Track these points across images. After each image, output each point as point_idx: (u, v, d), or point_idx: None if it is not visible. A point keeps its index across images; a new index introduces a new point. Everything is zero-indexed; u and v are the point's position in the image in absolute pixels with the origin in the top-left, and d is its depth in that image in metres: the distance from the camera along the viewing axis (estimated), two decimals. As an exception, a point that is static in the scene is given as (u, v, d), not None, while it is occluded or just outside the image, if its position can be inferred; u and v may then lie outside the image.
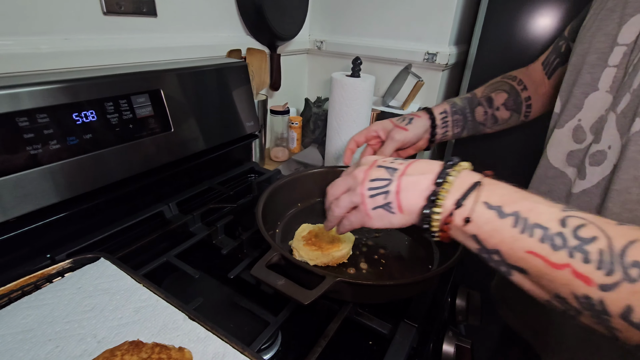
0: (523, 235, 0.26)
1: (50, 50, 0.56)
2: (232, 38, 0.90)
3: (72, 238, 0.52)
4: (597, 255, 0.23)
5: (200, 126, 0.68)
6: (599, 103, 0.40)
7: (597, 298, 0.23)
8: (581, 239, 0.24)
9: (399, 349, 0.41)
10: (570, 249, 0.24)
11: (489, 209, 0.28)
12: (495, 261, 0.29)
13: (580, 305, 0.24)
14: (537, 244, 0.25)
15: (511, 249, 0.27)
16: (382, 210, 0.33)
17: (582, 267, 0.24)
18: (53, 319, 0.36)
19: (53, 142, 0.47)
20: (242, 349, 0.34)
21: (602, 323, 0.24)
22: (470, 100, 0.61)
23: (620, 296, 0.22)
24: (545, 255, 0.25)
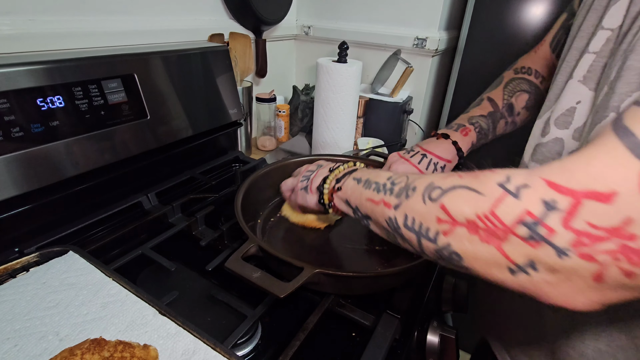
0: (366, 190, 0.36)
1: (12, 31, 0.52)
2: (214, 22, 0.86)
3: (43, 231, 0.50)
4: (398, 189, 0.32)
5: (179, 113, 0.65)
6: (569, 93, 0.36)
7: (393, 216, 0.31)
8: (393, 183, 0.33)
9: (381, 340, 0.40)
10: (385, 190, 0.34)
11: (354, 180, 0.39)
12: (360, 217, 0.38)
13: (389, 227, 0.32)
14: (371, 192, 0.35)
15: (360, 201, 0.37)
16: (302, 192, 0.48)
17: (387, 198, 0.33)
18: (13, 316, 0.34)
19: (15, 130, 0.44)
20: (214, 345, 0.32)
21: (401, 237, 0.31)
22: (492, 117, 0.55)
23: (402, 210, 0.31)
24: (372, 197, 0.35)
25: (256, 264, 0.40)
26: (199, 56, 0.68)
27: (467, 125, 0.52)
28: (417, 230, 0.29)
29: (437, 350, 0.49)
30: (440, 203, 0.27)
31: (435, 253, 0.28)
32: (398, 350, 0.42)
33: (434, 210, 0.27)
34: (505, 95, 0.55)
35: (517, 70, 0.56)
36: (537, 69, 0.55)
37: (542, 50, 0.55)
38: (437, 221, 0.27)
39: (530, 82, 0.55)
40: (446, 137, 0.50)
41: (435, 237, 0.27)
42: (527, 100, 0.55)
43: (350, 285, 0.44)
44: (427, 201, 0.28)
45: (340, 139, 0.86)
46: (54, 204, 0.51)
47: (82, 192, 0.54)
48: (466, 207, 0.25)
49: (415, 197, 0.30)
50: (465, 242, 0.25)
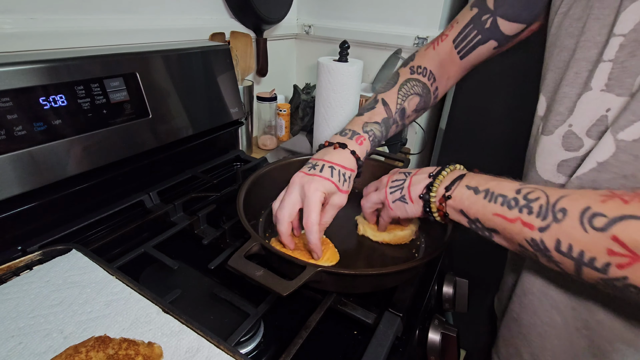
0: (490, 203, 0.35)
1: (14, 30, 0.52)
2: (215, 21, 0.86)
3: (45, 229, 0.50)
4: (538, 208, 0.31)
5: (181, 112, 0.66)
6: (595, 104, 0.34)
7: (539, 238, 0.31)
8: (528, 199, 0.32)
9: (383, 338, 0.40)
10: (520, 207, 0.33)
11: (468, 189, 0.38)
12: (480, 228, 0.37)
13: (531, 247, 0.32)
14: (499, 207, 0.34)
15: (484, 214, 0.36)
16: (399, 202, 0.45)
17: (527, 217, 0.32)
18: (17, 314, 0.34)
19: (18, 128, 0.44)
20: (218, 343, 0.32)
21: (548, 259, 0.31)
22: (386, 124, 0.52)
23: (552, 234, 0.30)
24: (504, 213, 0.34)
25: (258, 262, 0.40)
26: (200, 55, 0.68)
27: (362, 134, 0.50)
28: (575, 258, 0.28)
29: (438, 348, 0.49)
30: (610, 234, 0.26)
31: (601, 281, 0.28)
32: (400, 349, 0.42)
33: (603, 241, 0.26)
34: (399, 99, 0.53)
35: (413, 69, 0.54)
36: (432, 69, 0.54)
37: (443, 47, 0.53)
38: (607, 253, 0.26)
39: (424, 85, 0.54)
40: (344, 147, 0.48)
41: (605, 268, 0.27)
42: (418, 104, 0.54)
43: (352, 284, 0.44)
44: (590, 230, 0.27)
45: (341, 138, 0.86)
46: (57, 202, 0.51)
47: (85, 190, 0.54)
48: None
49: (570, 222, 0.29)
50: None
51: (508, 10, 0.46)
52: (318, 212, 0.44)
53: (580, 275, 0.29)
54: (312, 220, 0.43)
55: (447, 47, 0.52)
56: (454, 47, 0.52)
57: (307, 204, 0.44)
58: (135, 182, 0.62)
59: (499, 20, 0.47)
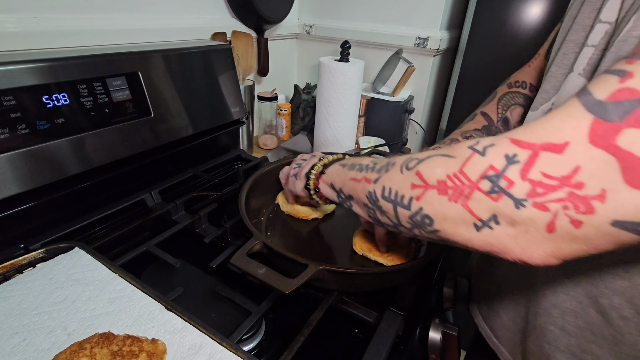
0: (349, 171, 0.39)
1: (17, 29, 0.52)
2: (216, 20, 0.87)
3: (48, 227, 0.50)
4: (380, 167, 0.34)
5: (183, 111, 0.66)
6: (571, 87, 0.36)
7: (372, 189, 0.33)
8: (375, 163, 0.35)
9: (384, 337, 0.40)
10: (368, 168, 0.35)
11: (340, 165, 0.42)
12: (343, 199, 0.40)
13: (370, 203, 0.34)
14: (354, 172, 0.37)
15: (343, 181, 0.39)
16: (292, 178, 0.50)
17: (368, 174, 0.35)
18: (21, 311, 0.34)
19: (21, 127, 0.44)
20: (220, 340, 0.33)
21: (380, 210, 0.33)
22: (488, 131, 0.53)
23: (380, 183, 0.32)
24: (355, 176, 0.37)
25: (260, 260, 0.40)
26: (202, 55, 0.69)
27: (461, 140, 0.51)
28: (393, 199, 0.31)
29: (439, 347, 0.49)
30: (415, 170, 0.29)
31: (410, 220, 0.30)
32: (401, 347, 0.42)
33: (410, 177, 0.29)
34: (500, 109, 0.54)
35: (511, 84, 0.55)
36: (532, 83, 0.54)
37: (537, 63, 0.54)
38: (411, 187, 0.29)
39: (526, 96, 0.54)
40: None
41: (409, 203, 0.29)
42: (523, 114, 0.53)
43: (354, 282, 0.45)
44: (405, 171, 0.30)
45: (341, 137, 0.86)
46: (59, 200, 0.51)
47: (87, 189, 0.55)
48: (438, 170, 0.27)
49: (394, 169, 0.32)
50: (435, 203, 0.27)
51: None
52: None
53: (399, 219, 0.31)
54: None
55: (541, 62, 0.53)
56: (547, 61, 0.51)
57: None
58: (137, 181, 0.62)
59: None
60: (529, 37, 0.89)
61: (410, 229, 0.31)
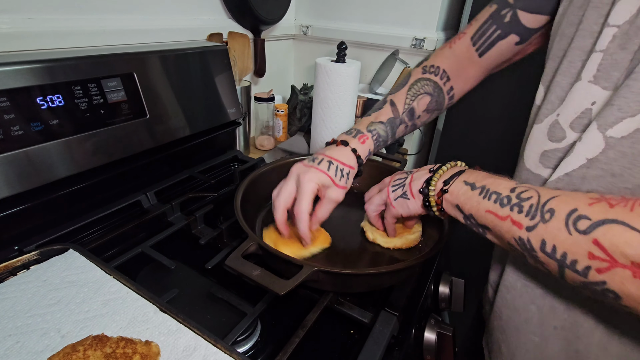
0: (484, 200, 0.35)
1: (11, 30, 0.52)
2: (212, 21, 0.87)
3: (42, 229, 0.50)
4: (528, 207, 0.31)
5: (178, 112, 0.66)
6: (580, 95, 0.34)
7: (526, 237, 0.31)
8: (520, 198, 0.32)
9: (379, 338, 0.40)
10: (511, 205, 0.33)
11: (465, 184, 0.38)
12: (474, 225, 0.37)
13: (518, 246, 0.32)
14: (492, 204, 0.34)
15: (478, 211, 0.36)
16: (401, 199, 0.46)
17: (516, 216, 0.32)
18: (15, 314, 0.34)
19: (15, 128, 0.44)
20: (215, 341, 0.32)
21: (534, 259, 0.31)
22: (392, 123, 0.52)
23: (538, 234, 0.30)
24: (495, 211, 0.34)
25: (256, 262, 0.40)
26: (198, 55, 0.68)
27: (365, 133, 0.50)
28: (559, 259, 0.28)
29: (434, 347, 0.49)
30: (592, 238, 0.26)
31: (582, 285, 0.27)
32: (396, 348, 0.43)
33: (584, 244, 0.26)
34: (408, 99, 0.52)
35: (426, 68, 0.54)
36: (445, 68, 0.53)
37: (460, 45, 0.52)
38: (588, 256, 0.26)
39: (435, 84, 0.53)
40: (345, 144, 0.49)
41: (586, 271, 0.26)
42: (429, 104, 0.53)
43: (349, 283, 0.45)
44: (574, 232, 0.27)
45: (338, 138, 0.86)
46: (54, 202, 0.51)
47: (82, 190, 0.54)
48: (629, 249, 0.24)
49: (556, 223, 0.28)
50: (628, 284, 0.24)
51: (528, 1, 0.44)
52: (308, 201, 0.45)
53: (563, 277, 0.29)
54: (301, 209, 0.44)
55: (464, 45, 0.51)
56: (472, 44, 0.50)
57: (299, 193, 0.45)
58: (132, 182, 0.62)
59: (519, 13, 0.45)
60: (525, 38, 0.89)
61: (577, 288, 0.29)
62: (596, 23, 0.33)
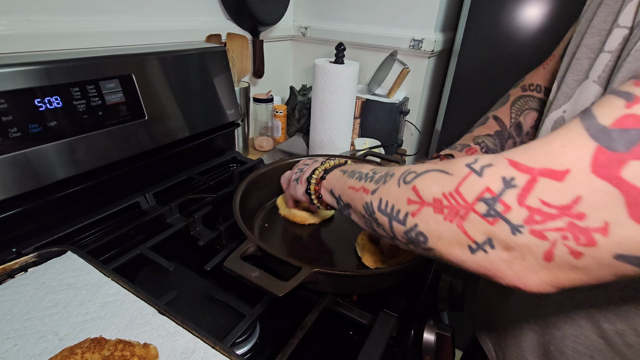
0: (349, 179, 0.38)
1: (9, 31, 0.52)
2: (211, 22, 0.87)
3: (41, 231, 0.50)
4: (378, 177, 0.33)
5: (177, 114, 0.66)
6: (586, 94, 0.34)
7: (369, 200, 0.33)
8: (375, 172, 0.35)
9: (378, 339, 0.40)
10: (367, 177, 0.35)
11: (340, 172, 0.41)
12: (342, 207, 0.40)
13: (367, 213, 0.33)
14: (353, 181, 0.37)
15: (342, 189, 0.39)
16: (294, 182, 0.50)
17: (367, 184, 0.34)
18: (12, 316, 0.34)
19: (13, 130, 0.44)
20: (213, 344, 0.32)
21: (375, 222, 0.33)
22: (500, 136, 0.51)
23: (378, 194, 0.32)
24: (353, 185, 0.36)
25: (254, 263, 0.40)
26: (197, 57, 0.68)
27: (473, 145, 0.49)
28: (388, 213, 0.30)
29: (433, 348, 0.49)
30: (412, 185, 0.28)
31: (404, 236, 0.29)
32: (395, 348, 0.42)
33: (406, 192, 0.28)
34: (513, 113, 0.51)
35: (525, 87, 0.53)
36: (546, 86, 0.52)
37: (552, 65, 0.52)
38: (407, 202, 0.28)
39: (540, 100, 0.52)
40: (449, 158, 0.47)
41: (405, 218, 0.28)
42: (537, 120, 0.51)
43: (348, 284, 0.45)
44: (402, 184, 0.29)
45: (337, 139, 0.86)
46: (52, 204, 0.51)
47: (80, 192, 0.54)
48: (434, 187, 0.26)
49: (392, 181, 0.31)
50: (431, 221, 0.26)
51: None
52: None
53: (394, 233, 0.30)
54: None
55: (555, 65, 0.51)
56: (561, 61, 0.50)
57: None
58: (131, 184, 0.62)
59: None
60: (523, 38, 0.89)
61: (405, 244, 0.30)
62: (605, 21, 0.33)
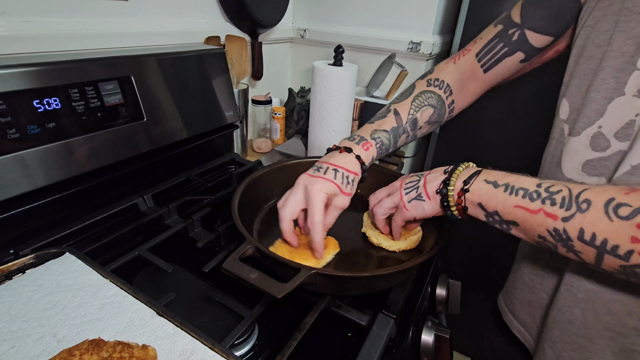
0: (511, 196, 0.36)
1: (8, 33, 0.52)
2: (210, 24, 0.87)
3: (38, 232, 0.50)
4: (560, 199, 0.33)
5: (176, 115, 0.66)
6: (626, 108, 0.37)
7: (562, 228, 0.32)
8: (550, 192, 0.34)
9: (376, 340, 0.40)
10: (542, 198, 0.34)
11: (487, 183, 0.39)
12: (498, 221, 0.38)
13: (552, 238, 0.33)
14: (520, 199, 0.35)
15: (504, 207, 0.37)
16: (415, 201, 0.45)
17: (550, 208, 0.33)
18: (10, 318, 0.34)
19: (12, 131, 0.44)
20: (212, 345, 0.32)
21: (568, 248, 0.32)
22: (394, 132, 0.53)
23: (575, 223, 0.31)
24: (526, 205, 0.35)
25: (253, 265, 0.40)
26: (195, 58, 0.69)
27: (369, 140, 0.51)
28: (598, 246, 0.30)
29: (431, 349, 0.50)
30: (635, 222, 0.28)
31: (620, 268, 0.29)
32: (393, 350, 0.43)
33: (627, 229, 0.28)
34: (412, 110, 0.53)
35: (430, 81, 0.55)
36: (449, 83, 0.54)
37: (464, 61, 0.54)
38: (631, 240, 0.28)
39: (439, 97, 0.54)
40: (349, 151, 0.49)
41: (628, 255, 0.29)
42: (431, 116, 0.54)
43: (346, 286, 0.45)
44: (615, 218, 0.29)
45: (335, 141, 0.87)
46: (50, 205, 0.51)
47: (79, 193, 0.54)
48: None
49: (594, 212, 0.30)
50: None
51: (537, 22, 0.47)
52: (321, 212, 0.45)
53: (600, 263, 0.31)
54: (316, 220, 0.44)
55: (468, 61, 0.53)
56: (477, 60, 0.52)
57: (310, 205, 0.45)
58: (129, 185, 0.62)
59: (527, 33, 0.48)
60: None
61: (611, 273, 0.31)
62: (625, 44, 0.37)
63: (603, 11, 0.40)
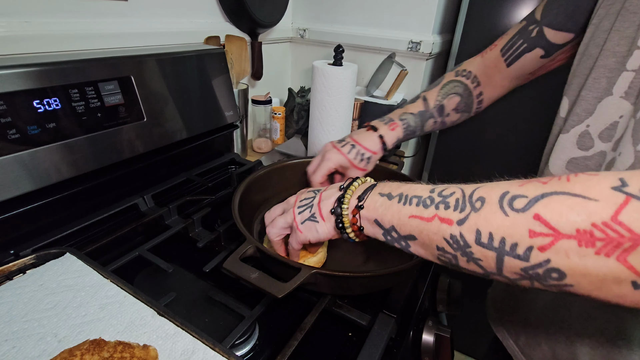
0: (405, 206, 0.33)
1: (8, 33, 0.52)
2: (209, 24, 0.87)
3: (39, 233, 0.50)
4: (454, 201, 0.29)
5: (176, 116, 0.66)
6: (612, 109, 0.37)
7: (458, 233, 0.28)
8: (443, 195, 0.30)
9: (377, 340, 0.40)
10: (436, 203, 0.30)
11: (381, 196, 0.35)
12: (396, 239, 0.34)
13: (450, 247, 0.29)
14: (414, 208, 0.32)
15: (399, 219, 0.33)
16: (308, 222, 0.40)
17: (444, 213, 0.29)
18: (10, 318, 0.34)
19: (12, 132, 0.44)
20: (213, 345, 0.32)
21: (468, 257, 0.28)
22: (422, 116, 0.56)
23: (471, 225, 0.27)
24: (420, 214, 0.31)
25: (254, 265, 0.40)
26: (195, 58, 0.69)
27: (397, 121, 0.55)
28: (497, 247, 0.26)
29: (432, 349, 0.50)
30: (532, 213, 0.24)
31: (522, 272, 0.25)
32: (394, 350, 0.43)
33: (524, 222, 0.24)
34: (439, 96, 0.57)
35: (458, 72, 0.58)
36: (477, 74, 0.57)
37: (490, 55, 0.56)
38: (529, 235, 0.24)
39: (466, 87, 0.57)
40: (375, 130, 0.53)
41: (527, 253, 0.24)
42: (458, 104, 0.57)
43: (347, 286, 0.45)
44: (510, 212, 0.25)
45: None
46: (50, 205, 0.51)
47: (79, 193, 0.54)
48: (573, 215, 0.22)
49: (489, 208, 0.27)
50: (573, 256, 0.22)
51: (553, 19, 0.48)
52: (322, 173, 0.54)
53: (501, 269, 0.26)
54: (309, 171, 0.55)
55: (494, 55, 0.55)
56: (501, 55, 0.54)
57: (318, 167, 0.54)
58: (129, 185, 0.62)
59: (544, 29, 0.49)
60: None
61: (514, 280, 0.26)
62: (619, 44, 0.37)
63: (606, 10, 0.39)
